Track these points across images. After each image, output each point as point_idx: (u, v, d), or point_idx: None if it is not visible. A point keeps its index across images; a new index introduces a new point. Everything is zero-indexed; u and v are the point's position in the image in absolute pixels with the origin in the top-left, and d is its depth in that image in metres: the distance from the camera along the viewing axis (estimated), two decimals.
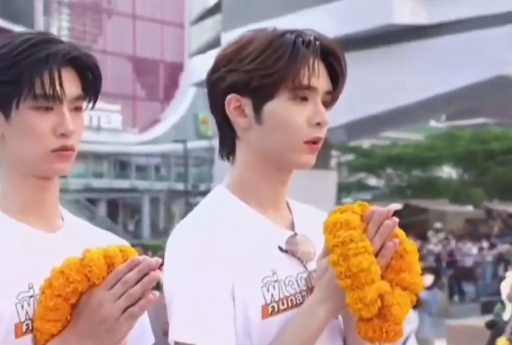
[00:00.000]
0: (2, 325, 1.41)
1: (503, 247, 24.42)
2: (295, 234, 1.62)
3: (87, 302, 1.40)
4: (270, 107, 1.56)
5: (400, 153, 42.63)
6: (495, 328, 7.19)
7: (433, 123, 60.23)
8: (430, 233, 29.16)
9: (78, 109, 1.52)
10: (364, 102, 25.59)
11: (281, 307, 1.53)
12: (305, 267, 1.60)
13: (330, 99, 1.61)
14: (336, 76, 1.60)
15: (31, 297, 1.45)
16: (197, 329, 1.47)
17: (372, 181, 47.90)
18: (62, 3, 64.68)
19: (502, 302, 7.71)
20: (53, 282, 1.39)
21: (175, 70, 67.50)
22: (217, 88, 1.60)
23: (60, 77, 1.46)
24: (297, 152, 1.57)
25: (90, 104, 1.56)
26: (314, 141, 1.57)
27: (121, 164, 57.66)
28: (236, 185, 1.62)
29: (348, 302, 1.46)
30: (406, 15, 33.78)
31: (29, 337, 1.43)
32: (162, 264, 1.44)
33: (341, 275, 1.45)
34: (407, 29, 31.25)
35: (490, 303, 12.16)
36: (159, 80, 69.22)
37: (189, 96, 64.13)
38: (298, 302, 1.56)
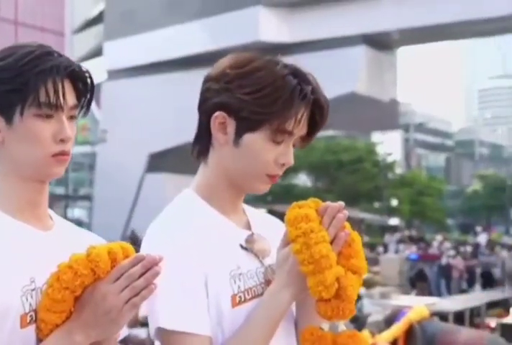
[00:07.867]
0: (10, 316, 1.47)
1: None
2: (253, 234, 1.76)
3: (91, 294, 1.47)
4: (250, 138, 1.67)
5: None
6: (358, 322, 7.67)
7: None
8: None
9: (72, 117, 1.61)
10: None
11: (247, 297, 1.67)
12: (261, 262, 1.75)
13: (300, 143, 1.75)
14: (315, 125, 1.72)
15: (33, 290, 1.51)
16: (178, 317, 1.58)
17: None
18: None
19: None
20: (61, 276, 1.46)
21: None
22: (211, 96, 1.69)
23: (63, 87, 1.55)
24: (258, 181, 1.72)
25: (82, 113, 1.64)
26: (274, 176, 1.72)
27: None
28: (203, 188, 1.74)
29: (310, 286, 1.58)
30: (271, 33, 35.88)
31: (32, 327, 1.50)
32: None
33: (305, 262, 1.57)
34: (272, 46, 33.31)
35: None
36: None
37: None
38: (259, 292, 1.70)
